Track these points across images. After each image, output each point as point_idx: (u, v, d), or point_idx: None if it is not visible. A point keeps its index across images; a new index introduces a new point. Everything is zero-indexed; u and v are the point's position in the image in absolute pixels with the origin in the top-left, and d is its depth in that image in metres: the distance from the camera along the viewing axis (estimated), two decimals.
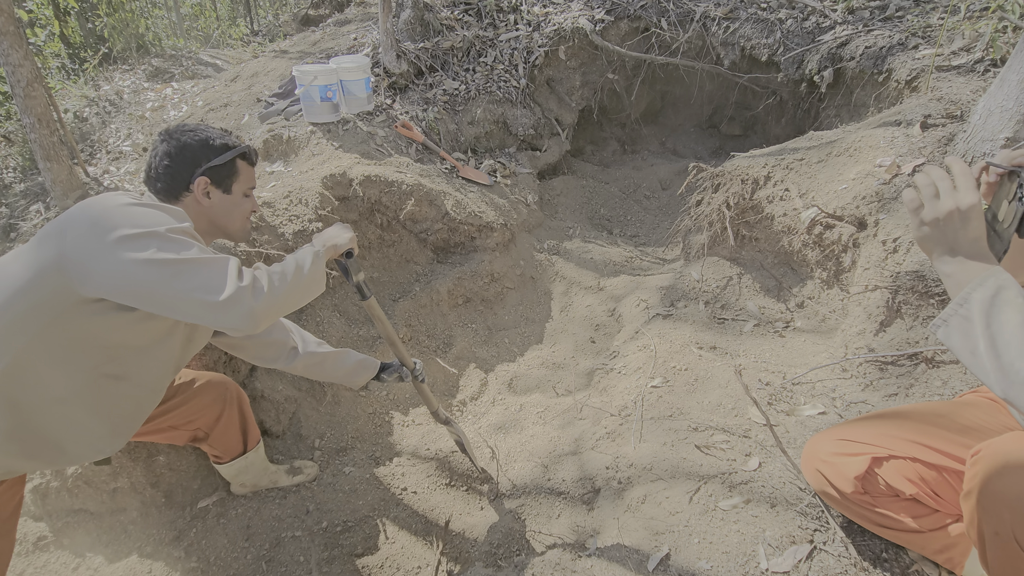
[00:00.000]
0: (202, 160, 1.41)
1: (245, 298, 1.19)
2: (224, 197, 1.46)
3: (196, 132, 1.43)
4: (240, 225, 1.52)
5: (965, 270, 0.88)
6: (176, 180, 1.40)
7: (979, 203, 0.91)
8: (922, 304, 1.89)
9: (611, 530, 1.61)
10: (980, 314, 0.82)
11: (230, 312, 1.18)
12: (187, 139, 1.41)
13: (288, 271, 1.31)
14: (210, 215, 1.46)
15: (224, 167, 1.44)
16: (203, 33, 9.62)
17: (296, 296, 1.33)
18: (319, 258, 1.40)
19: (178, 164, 1.39)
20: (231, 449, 1.85)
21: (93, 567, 1.82)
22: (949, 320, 0.86)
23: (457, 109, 3.77)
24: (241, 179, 1.49)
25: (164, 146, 1.41)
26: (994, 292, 0.83)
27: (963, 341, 0.84)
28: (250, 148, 1.52)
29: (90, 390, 1.31)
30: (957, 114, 2.37)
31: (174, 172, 1.40)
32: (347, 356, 1.84)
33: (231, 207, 1.48)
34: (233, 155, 1.46)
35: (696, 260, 2.82)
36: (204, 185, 1.42)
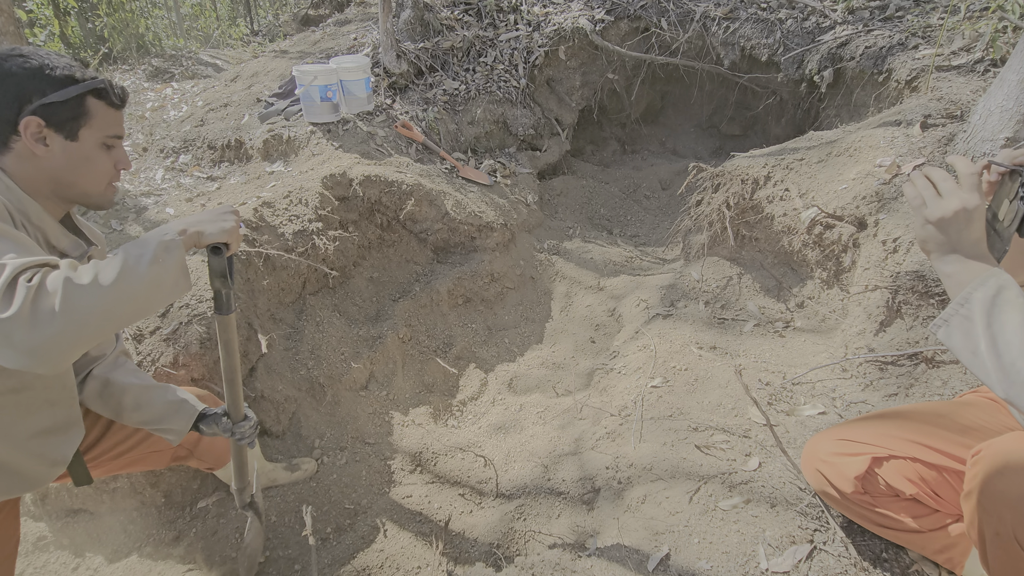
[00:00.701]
0: (33, 94, 1.08)
1: (15, 331, 0.84)
2: (69, 145, 1.13)
3: (28, 57, 1.09)
4: (96, 185, 1.19)
5: (966, 270, 0.88)
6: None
7: (983, 203, 0.91)
8: (922, 304, 1.89)
9: (611, 530, 1.61)
10: (981, 314, 0.83)
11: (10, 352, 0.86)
12: (13, 65, 1.07)
13: (105, 277, 0.92)
14: (52, 170, 1.12)
15: (66, 105, 1.10)
16: (203, 33, 9.62)
17: (120, 312, 0.94)
18: (168, 252, 1.00)
19: (1, 95, 1.07)
20: (220, 459, 1.74)
21: (93, 567, 1.82)
22: (950, 320, 0.86)
23: (457, 109, 3.77)
24: (95, 123, 1.15)
25: None
26: (995, 292, 0.83)
27: (964, 341, 0.85)
28: (109, 83, 1.17)
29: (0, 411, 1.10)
30: (957, 114, 2.37)
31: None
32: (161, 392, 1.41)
33: (80, 160, 1.14)
34: (79, 91, 1.11)
35: (696, 260, 2.82)
36: (36, 127, 1.08)
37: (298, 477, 2.02)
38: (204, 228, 1.09)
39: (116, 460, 1.49)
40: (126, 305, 0.95)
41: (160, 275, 0.98)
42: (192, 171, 3.30)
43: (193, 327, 1.93)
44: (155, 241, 1.01)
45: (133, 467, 1.55)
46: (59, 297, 0.87)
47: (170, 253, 1.01)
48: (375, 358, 2.49)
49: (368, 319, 2.69)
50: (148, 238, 1.01)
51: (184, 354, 1.88)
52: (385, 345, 2.53)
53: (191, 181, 3.19)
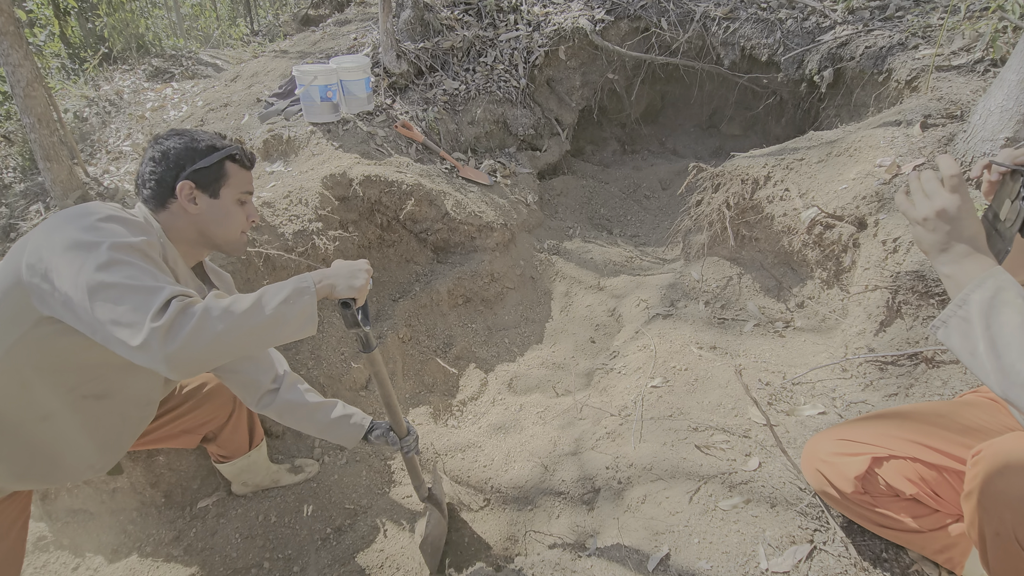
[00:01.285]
0: (186, 163, 1.32)
1: (154, 343, 1.00)
2: (212, 203, 1.35)
3: (182, 135, 1.34)
4: (232, 235, 1.40)
5: (963, 271, 0.88)
6: (161, 185, 1.31)
7: (968, 202, 0.91)
8: (922, 304, 1.89)
9: (611, 530, 1.61)
10: (979, 315, 0.83)
11: (143, 357, 1.01)
12: (172, 143, 1.33)
13: (238, 308, 1.08)
14: (199, 224, 1.35)
15: (210, 170, 1.34)
16: (203, 33, 9.62)
17: (247, 340, 1.09)
18: (300, 296, 1.16)
19: (163, 168, 1.31)
20: (238, 449, 1.85)
21: (93, 567, 1.82)
22: (948, 321, 0.87)
23: (457, 109, 3.77)
24: (231, 183, 1.37)
25: (151, 151, 1.34)
26: (993, 293, 0.83)
27: (963, 342, 0.85)
28: (242, 149, 1.40)
29: (72, 410, 1.25)
30: (957, 114, 2.37)
31: (159, 177, 1.31)
32: (333, 407, 1.62)
33: (221, 215, 1.36)
34: (219, 156, 1.35)
35: (696, 260, 2.82)
36: (188, 190, 1.31)
37: (302, 478, 2.02)
38: (337, 283, 1.25)
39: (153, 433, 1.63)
40: (249, 334, 1.09)
41: (286, 314, 1.13)
42: None
43: None
44: (292, 286, 1.16)
45: (165, 443, 1.69)
46: (196, 319, 1.03)
47: (301, 297, 1.16)
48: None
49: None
50: (288, 282, 1.18)
51: None
52: (385, 345, 2.53)
53: None
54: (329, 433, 1.60)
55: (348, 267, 1.30)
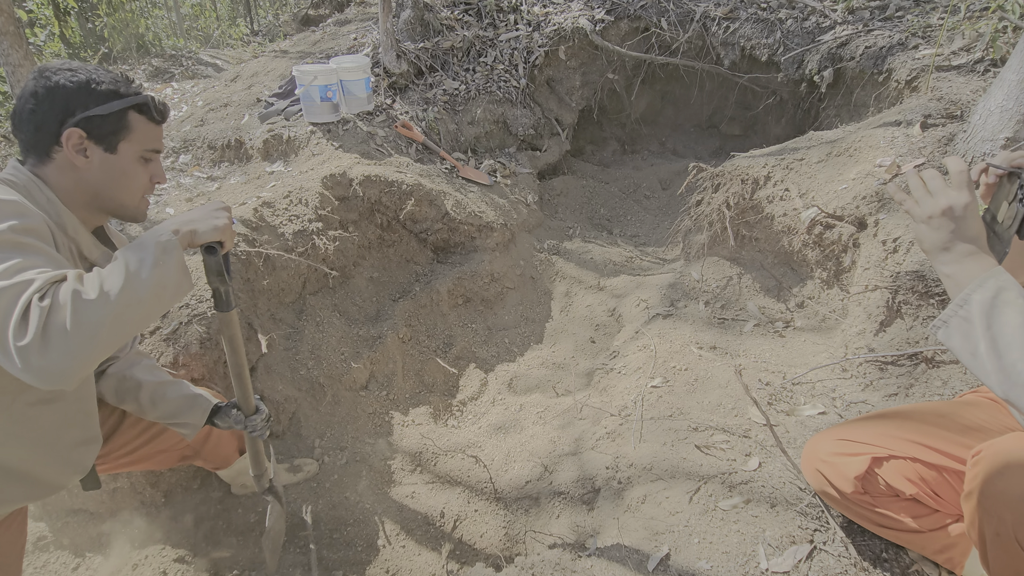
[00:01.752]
0: (76, 107, 1.09)
1: (32, 363, 0.85)
2: (108, 158, 1.14)
3: (77, 71, 1.11)
4: (131, 198, 1.20)
5: (964, 271, 0.88)
6: (41, 130, 1.09)
7: (974, 201, 0.91)
8: (922, 304, 1.89)
9: (611, 530, 1.61)
10: (980, 315, 0.83)
11: (30, 379, 0.88)
12: (62, 78, 1.09)
13: (112, 287, 0.92)
14: (90, 182, 1.14)
15: (107, 119, 1.12)
16: (203, 33, 9.62)
17: (132, 321, 0.94)
18: (168, 253, 0.99)
19: (45, 109, 1.08)
20: (227, 459, 1.78)
21: (93, 567, 1.82)
22: (949, 321, 0.87)
23: (457, 109, 3.77)
24: (134, 137, 1.16)
25: (31, 84, 1.10)
26: (994, 293, 0.83)
27: (963, 342, 0.85)
28: (152, 99, 1.19)
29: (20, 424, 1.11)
30: (957, 114, 2.37)
31: (40, 119, 1.09)
32: (175, 387, 1.43)
33: (118, 173, 1.16)
34: (122, 105, 1.13)
35: (696, 260, 2.82)
36: (78, 139, 1.10)
37: (301, 478, 2.02)
38: (197, 227, 1.07)
39: (125, 458, 1.50)
40: (134, 313, 0.94)
41: (163, 278, 0.97)
42: (192, 171, 3.30)
43: (193, 327, 1.93)
44: (152, 244, 0.99)
45: (140, 465, 1.57)
46: (68, 314, 0.87)
47: (169, 255, 0.99)
48: (375, 358, 2.49)
49: (368, 319, 2.69)
50: (144, 241, 1.00)
51: (184, 354, 1.87)
52: (385, 345, 2.53)
53: (191, 181, 3.19)
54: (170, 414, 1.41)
55: (204, 208, 1.12)
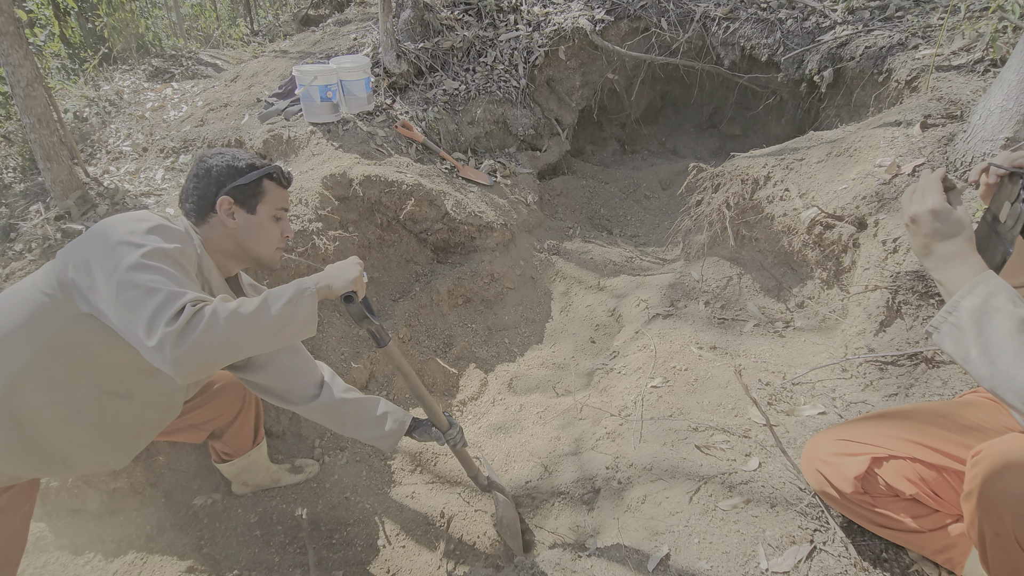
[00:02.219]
0: (227, 180, 1.41)
1: (166, 346, 1.06)
2: (249, 218, 1.43)
3: (224, 154, 1.44)
4: (267, 249, 1.47)
5: (951, 276, 0.89)
6: (203, 200, 1.40)
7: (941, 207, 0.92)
8: (922, 304, 1.89)
9: (611, 530, 1.61)
10: (970, 322, 0.83)
11: (156, 357, 1.09)
12: (214, 161, 1.42)
13: (245, 310, 1.15)
14: (236, 237, 1.43)
15: (248, 187, 1.42)
16: (203, 33, 9.62)
17: (252, 341, 1.16)
18: (302, 298, 1.23)
19: (204, 184, 1.40)
20: (242, 446, 1.87)
21: (93, 566, 1.82)
22: (940, 327, 0.88)
23: (457, 109, 3.77)
24: (267, 199, 1.45)
25: (195, 167, 1.43)
26: (984, 299, 0.84)
27: (955, 347, 0.86)
28: (279, 169, 1.49)
29: (93, 408, 1.31)
30: (957, 114, 2.37)
31: (201, 192, 1.40)
32: (375, 404, 1.66)
33: (256, 229, 1.44)
34: (258, 175, 1.44)
35: (696, 260, 2.82)
36: (227, 205, 1.40)
37: (302, 478, 2.03)
38: (332, 282, 1.33)
39: (182, 431, 1.71)
40: (255, 335, 1.15)
41: (289, 316, 1.20)
42: None
43: None
44: (293, 288, 1.23)
45: (171, 437, 1.74)
46: (204, 322, 1.09)
47: (303, 300, 1.23)
48: (375, 358, 2.49)
49: None
50: (289, 286, 1.24)
51: None
52: None
53: None
54: (373, 432, 1.62)
55: (340, 265, 1.39)
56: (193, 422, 1.71)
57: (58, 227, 2.79)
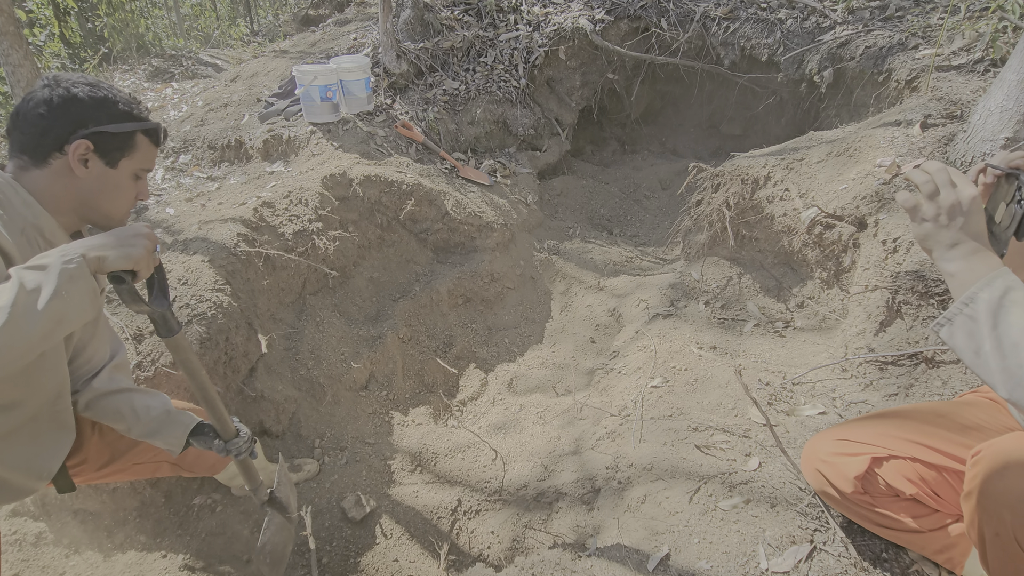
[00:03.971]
0: (90, 120, 1.12)
1: None
2: (106, 171, 1.16)
3: (96, 87, 1.14)
4: (118, 211, 1.22)
5: (970, 269, 0.87)
6: (47, 135, 1.10)
7: (979, 196, 0.91)
8: (922, 304, 1.89)
9: (611, 530, 1.61)
10: (987, 315, 0.82)
11: None
12: (80, 91, 1.12)
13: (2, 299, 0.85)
14: (82, 191, 1.15)
15: (118, 136, 1.15)
16: (203, 33, 9.62)
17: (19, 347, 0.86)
18: (74, 279, 0.92)
19: (57, 116, 1.10)
20: (214, 467, 1.69)
21: (92, 567, 1.82)
22: (953, 319, 0.85)
23: (457, 109, 3.77)
24: (136, 156, 1.19)
25: (45, 91, 1.11)
26: (1002, 293, 0.82)
27: (967, 341, 0.84)
28: (160, 127, 1.23)
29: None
30: (957, 114, 2.37)
31: (47, 125, 1.10)
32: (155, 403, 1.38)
33: (112, 187, 1.18)
34: (136, 127, 1.17)
35: (696, 260, 2.82)
36: (84, 150, 1.11)
37: (300, 478, 2.02)
38: (107, 253, 0.98)
39: (99, 471, 1.47)
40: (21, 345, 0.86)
41: (63, 310, 0.90)
42: (192, 171, 3.31)
43: (193, 327, 1.93)
44: (57, 268, 0.91)
45: (117, 477, 1.53)
46: None
47: (74, 283, 0.91)
48: (375, 358, 2.49)
49: (368, 319, 2.69)
50: (50, 263, 0.91)
51: None
52: (385, 345, 2.53)
53: (191, 181, 3.19)
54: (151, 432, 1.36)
55: (121, 232, 1.04)
56: (137, 460, 1.49)
57: None
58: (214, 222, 2.38)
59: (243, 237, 2.31)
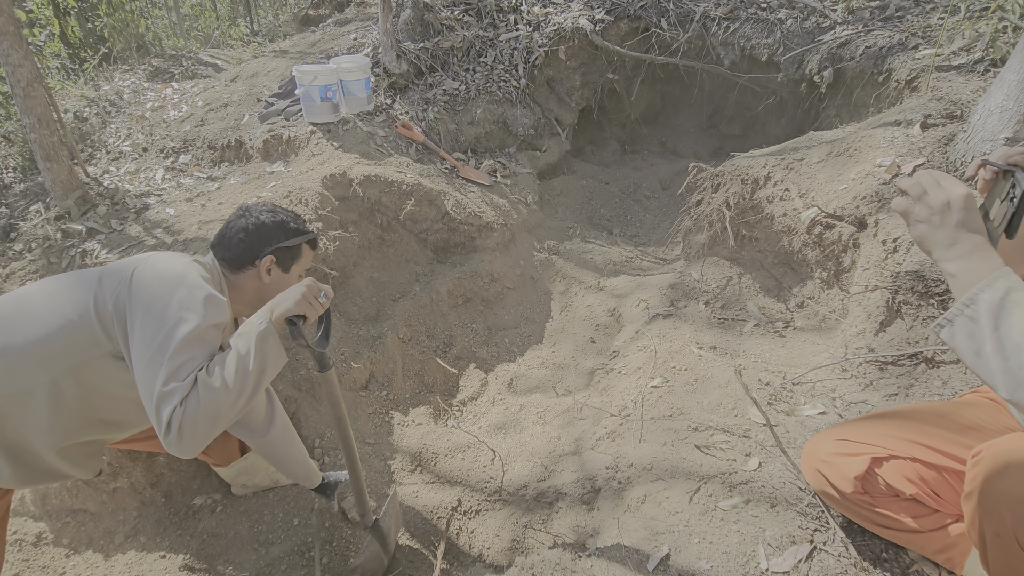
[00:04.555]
0: (274, 240, 1.47)
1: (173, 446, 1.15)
2: (282, 276, 1.51)
3: (275, 213, 1.51)
4: None
5: (971, 269, 0.86)
6: (246, 254, 1.46)
7: (971, 194, 0.90)
8: (922, 304, 1.89)
9: (611, 530, 1.60)
10: (988, 315, 0.81)
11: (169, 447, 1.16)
12: (266, 219, 1.48)
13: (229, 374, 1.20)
14: (264, 291, 1.49)
15: (291, 249, 1.51)
16: (203, 33, 9.62)
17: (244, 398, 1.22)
18: (265, 338, 1.26)
19: (252, 240, 1.46)
20: (229, 456, 1.85)
21: (92, 567, 1.82)
22: (954, 320, 0.85)
23: (457, 109, 3.77)
24: (302, 262, 1.55)
25: (242, 221, 1.48)
26: (1003, 293, 0.81)
27: (968, 342, 0.83)
28: (317, 236, 1.59)
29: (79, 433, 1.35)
30: (957, 114, 2.37)
31: (246, 247, 1.46)
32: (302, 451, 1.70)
33: (284, 286, 1.51)
34: (302, 240, 1.52)
35: (696, 260, 2.82)
36: (269, 263, 1.47)
37: None
38: (282, 307, 1.31)
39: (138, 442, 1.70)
40: (245, 396, 1.21)
41: (263, 363, 1.24)
42: (192, 171, 3.30)
43: None
44: (255, 333, 1.24)
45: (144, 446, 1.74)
46: (200, 412, 1.15)
47: (266, 342, 1.25)
48: (375, 358, 2.49)
49: (368, 319, 2.69)
50: (248, 330, 1.25)
51: None
52: (385, 345, 2.53)
53: (191, 181, 3.19)
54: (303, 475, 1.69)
55: (293, 288, 1.36)
56: None
57: (58, 227, 2.79)
58: (214, 222, 2.38)
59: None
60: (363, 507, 1.64)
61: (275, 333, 1.28)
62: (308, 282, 1.36)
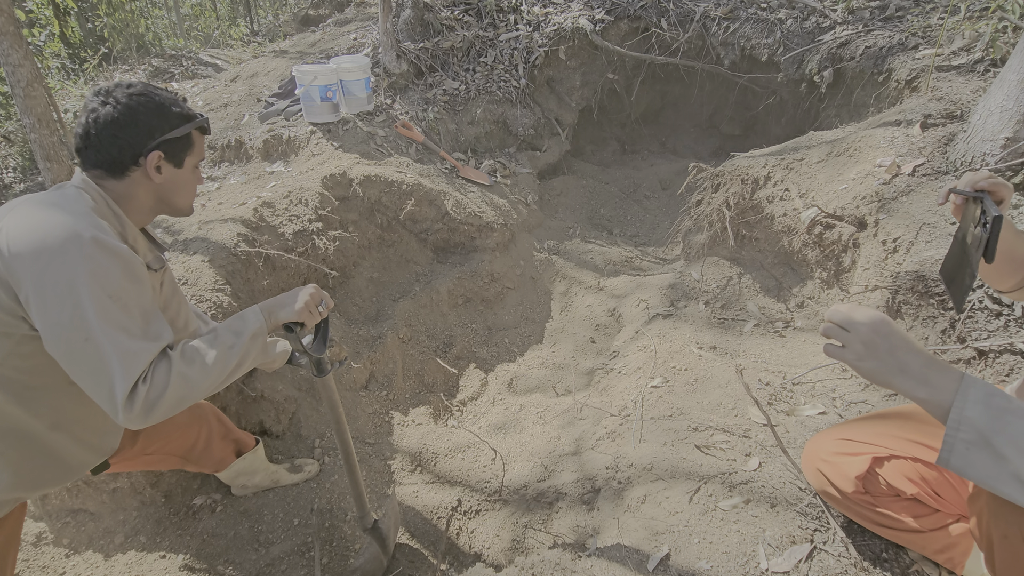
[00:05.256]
0: (156, 131, 1.21)
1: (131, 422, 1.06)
2: (175, 172, 1.27)
3: (148, 95, 1.22)
4: (188, 201, 1.36)
5: (936, 389, 0.82)
6: (123, 153, 1.19)
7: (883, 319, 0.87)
8: (922, 304, 1.89)
9: (611, 530, 1.60)
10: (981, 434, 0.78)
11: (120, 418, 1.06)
12: (138, 103, 1.19)
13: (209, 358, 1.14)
14: (158, 192, 1.28)
15: (180, 140, 1.25)
16: (203, 33, 9.62)
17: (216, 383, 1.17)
18: (255, 337, 1.21)
19: (127, 134, 1.18)
20: (221, 463, 1.80)
21: (92, 567, 1.82)
22: (953, 448, 0.81)
23: (457, 109, 3.77)
24: (195, 152, 1.31)
25: (107, 110, 1.17)
26: (984, 403, 0.79)
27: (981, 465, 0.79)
28: (207, 119, 1.35)
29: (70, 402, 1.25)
30: (957, 114, 2.37)
31: (122, 144, 1.18)
32: None
33: (182, 183, 1.30)
34: (191, 127, 1.27)
35: (696, 260, 2.82)
36: (157, 160, 1.22)
37: (301, 478, 2.02)
38: (280, 312, 1.28)
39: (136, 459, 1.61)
40: (216, 386, 1.17)
41: (244, 359, 1.21)
42: None
43: None
44: (248, 332, 1.21)
45: (147, 466, 1.67)
46: (169, 391, 1.08)
47: (255, 341, 1.22)
48: (375, 358, 2.49)
49: (368, 319, 2.69)
50: (242, 326, 1.22)
51: None
52: (385, 345, 2.53)
53: None
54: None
55: (293, 293, 1.32)
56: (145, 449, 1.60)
57: None
58: (214, 222, 2.38)
59: (243, 237, 2.31)
60: (362, 509, 1.63)
61: (266, 334, 1.24)
62: (311, 290, 1.31)
